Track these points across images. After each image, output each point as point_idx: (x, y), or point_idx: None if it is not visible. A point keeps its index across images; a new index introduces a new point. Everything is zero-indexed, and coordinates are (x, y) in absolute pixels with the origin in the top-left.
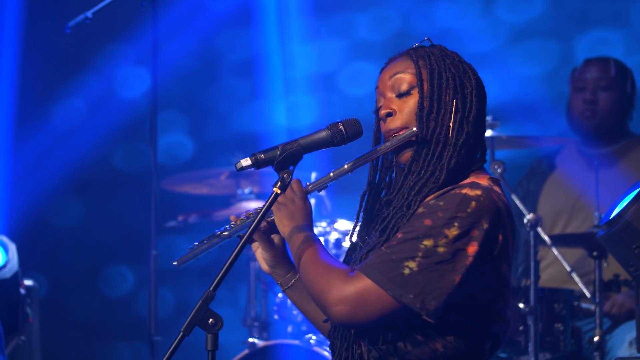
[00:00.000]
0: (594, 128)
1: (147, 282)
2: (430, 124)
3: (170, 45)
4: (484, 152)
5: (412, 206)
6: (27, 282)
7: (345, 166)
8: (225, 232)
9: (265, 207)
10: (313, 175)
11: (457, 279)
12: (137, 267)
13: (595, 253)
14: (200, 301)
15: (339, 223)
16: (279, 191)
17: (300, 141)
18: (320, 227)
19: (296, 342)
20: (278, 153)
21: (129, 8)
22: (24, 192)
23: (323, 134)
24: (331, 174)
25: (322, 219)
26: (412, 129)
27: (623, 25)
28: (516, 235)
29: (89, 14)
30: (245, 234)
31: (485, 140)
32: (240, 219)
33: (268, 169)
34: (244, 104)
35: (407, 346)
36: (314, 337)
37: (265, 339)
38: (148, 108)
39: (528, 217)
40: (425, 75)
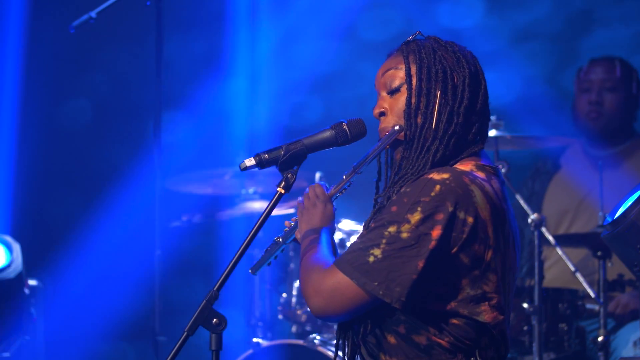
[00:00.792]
0: (600, 129)
1: (152, 281)
2: (419, 120)
3: (175, 44)
4: (481, 140)
5: (391, 198)
6: (32, 282)
7: (353, 168)
8: (280, 239)
9: (269, 208)
10: (317, 175)
11: (421, 264)
12: (141, 267)
13: (599, 253)
14: (204, 301)
15: (343, 223)
16: (283, 191)
17: (304, 141)
18: None
19: (300, 342)
20: (282, 153)
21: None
22: (28, 192)
23: (327, 133)
24: (344, 177)
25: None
26: (395, 128)
27: (628, 25)
28: (506, 222)
29: (93, 13)
30: (248, 235)
31: (483, 128)
32: (292, 222)
33: (272, 169)
34: (248, 103)
35: (390, 339)
36: (318, 337)
37: (270, 338)
38: (152, 108)
39: (532, 217)
40: (414, 71)
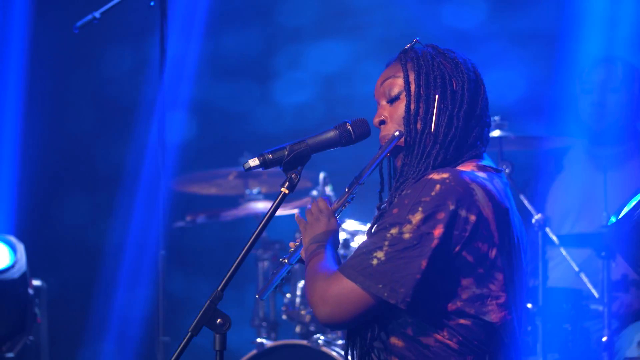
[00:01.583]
0: (603, 130)
1: (155, 282)
2: (419, 126)
3: (179, 45)
4: (482, 143)
5: (393, 202)
6: (36, 282)
7: (354, 180)
8: (286, 260)
9: (273, 208)
10: (321, 175)
11: (424, 263)
12: (145, 267)
13: (603, 253)
14: (208, 301)
15: (347, 223)
16: (287, 191)
17: (308, 141)
18: None
19: (304, 342)
20: (286, 153)
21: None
22: (32, 192)
23: (331, 134)
24: (347, 189)
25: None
26: (394, 133)
27: (631, 25)
28: (510, 221)
29: (96, 14)
30: (252, 235)
31: (483, 132)
32: (296, 242)
33: (276, 169)
34: (252, 104)
35: (398, 342)
36: (322, 337)
37: (273, 339)
38: (156, 108)
39: (536, 217)
40: (412, 78)
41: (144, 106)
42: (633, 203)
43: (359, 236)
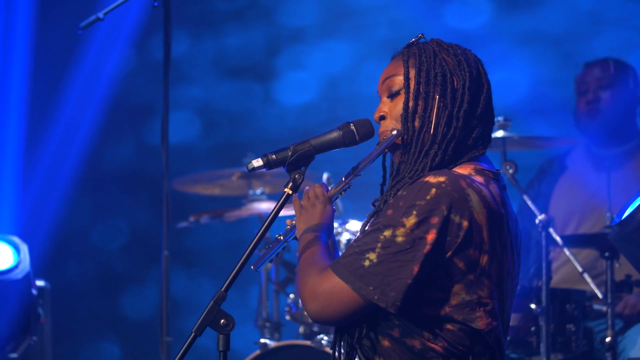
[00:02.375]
0: (599, 126)
1: (159, 282)
2: (416, 124)
3: (182, 45)
4: (482, 143)
5: (387, 202)
6: (39, 283)
7: (352, 170)
8: (282, 237)
9: (276, 208)
10: (324, 176)
11: (416, 268)
12: (148, 268)
13: (607, 254)
14: (212, 302)
15: (351, 224)
16: (291, 192)
17: (311, 142)
18: None
19: (308, 343)
20: (289, 154)
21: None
22: (36, 193)
23: (335, 134)
24: (343, 179)
25: (334, 219)
26: (393, 132)
27: (636, 26)
28: (504, 227)
29: (100, 14)
30: (255, 235)
31: (485, 132)
32: (293, 222)
33: (280, 170)
34: (255, 104)
35: (384, 342)
36: (325, 338)
37: (277, 339)
38: (160, 108)
39: (540, 218)
40: (412, 74)
41: (147, 106)
42: (637, 203)
43: None
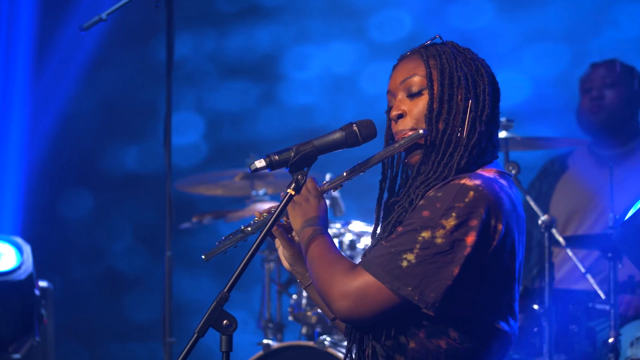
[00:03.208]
0: (601, 123)
1: (162, 283)
2: (440, 125)
3: (185, 46)
4: (496, 148)
5: (414, 201)
6: (42, 284)
7: (357, 166)
8: (249, 228)
9: (280, 209)
10: (327, 176)
11: (456, 270)
12: (151, 269)
13: (610, 254)
14: (215, 302)
15: (353, 224)
16: (293, 192)
17: (314, 142)
18: (335, 228)
19: (310, 343)
20: (292, 154)
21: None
22: (39, 194)
23: (337, 135)
24: (344, 174)
25: (337, 220)
26: (419, 131)
27: (637, 27)
28: (524, 231)
29: (103, 15)
30: (259, 236)
31: (497, 136)
32: (263, 214)
33: (282, 170)
34: (258, 105)
35: (410, 343)
36: (328, 339)
37: (280, 340)
38: (162, 109)
39: (542, 218)
40: (435, 76)
41: (150, 107)
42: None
43: (365, 237)
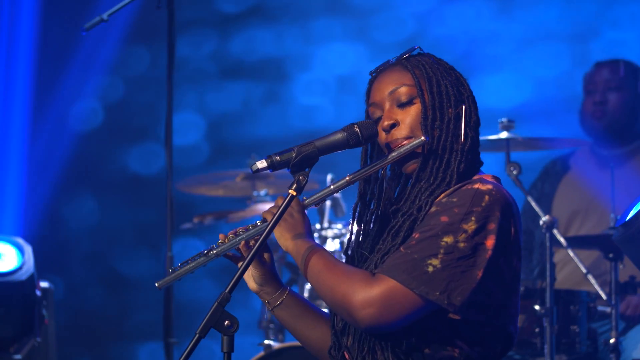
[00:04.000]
0: (605, 128)
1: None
2: (435, 133)
3: (186, 47)
4: (479, 153)
5: (423, 208)
6: (43, 284)
7: (347, 177)
8: (213, 252)
9: (281, 209)
10: (329, 177)
11: (480, 273)
12: (152, 269)
13: (611, 255)
14: (216, 303)
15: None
16: (295, 193)
17: (316, 143)
18: (336, 228)
19: None
20: (294, 155)
21: (144, 10)
22: (40, 194)
23: (339, 135)
24: (331, 187)
25: (338, 221)
26: (421, 138)
27: (637, 27)
28: (522, 232)
29: (104, 15)
30: (261, 236)
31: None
32: (229, 236)
33: (283, 171)
34: (260, 105)
35: (424, 349)
36: None
37: (281, 341)
38: (164, 110)
39: (544, 219)
40: (424, 85)
41: (151, 107)
42: None
43: None
